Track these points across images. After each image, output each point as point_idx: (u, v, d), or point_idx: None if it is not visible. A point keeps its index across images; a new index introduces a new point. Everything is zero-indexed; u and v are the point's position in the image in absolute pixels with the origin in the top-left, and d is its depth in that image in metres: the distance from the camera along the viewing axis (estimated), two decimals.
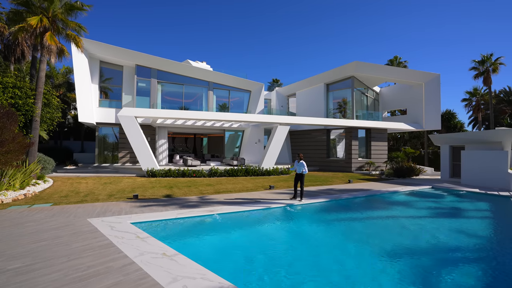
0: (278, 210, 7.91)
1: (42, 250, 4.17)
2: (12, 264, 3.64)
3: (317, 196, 9.71)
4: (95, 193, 9.61)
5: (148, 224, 6.02)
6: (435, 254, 5.03)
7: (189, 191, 10.47)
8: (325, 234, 6.29)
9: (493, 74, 24.65)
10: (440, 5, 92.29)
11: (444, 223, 7.24)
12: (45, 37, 11.19)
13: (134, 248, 4.28)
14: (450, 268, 4.43)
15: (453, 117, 29.24)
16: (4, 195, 8.18)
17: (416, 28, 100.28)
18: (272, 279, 3.86)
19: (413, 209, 9.02)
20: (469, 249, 5.34)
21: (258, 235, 6.13)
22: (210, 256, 4.74)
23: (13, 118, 8.74)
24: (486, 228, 6.87)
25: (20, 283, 3.11)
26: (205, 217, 6.76)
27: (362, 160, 21.00)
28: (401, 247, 5.34)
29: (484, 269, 4.42)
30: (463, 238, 5.98)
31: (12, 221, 5.86)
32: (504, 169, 12.08)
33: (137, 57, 18.02)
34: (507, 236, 6.46)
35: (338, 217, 7.78)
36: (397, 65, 35.68)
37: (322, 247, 5.37)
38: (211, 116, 17.38)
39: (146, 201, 8.35)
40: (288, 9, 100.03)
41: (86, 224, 5.64)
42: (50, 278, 3.25)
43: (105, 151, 19.08)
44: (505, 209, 8.87)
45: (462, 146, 15.30)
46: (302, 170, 8.91)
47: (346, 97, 22.20)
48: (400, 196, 10.92)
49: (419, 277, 4.01)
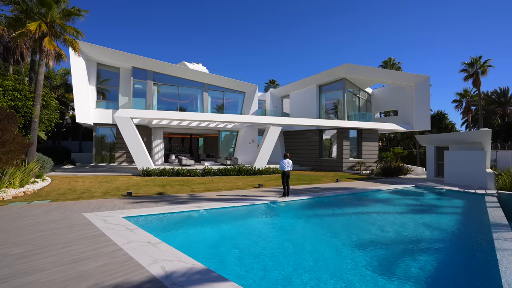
0: (262, 206, 8.46)
1: (40, 239, 4.70)
2: (14, 250, 4.18)
3: (302, 194, 10.26)
4: (91, 190, 10.14)
5: (138, 218, 6.56)
6: (397, 245, 5.58)
7: (181, 189, 11.01)
8: (300, 227, 6.84)
9: (482, 76, 25.27)
10: (437, 5, 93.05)
11: (415, 218, 7.80)
12: (43, 42, 11.70)
13: (123, 238, 4.82)
14: (407, 256, 4.98)
15: (444, 118, 29.88)
16: (5, 192, 8.70)
17: (411, 29, 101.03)
18: (241, 262, 4.41)
19: (390, 206, 9.59)
20: (428, 240, 5.90)
21: (238, 227, 6.70)
22: (190, 244, 5.29)
23: (13, 120, 9.25)
24: (450, 223, 7.44)
25: (22, 264, 3.65)
26: (192, 212, 7.31)
27: (354, 160, 21.57)
28: (367, 239, 5.88)
29: (436, 256, 4.96)
30: (426, 231, 6.53)
31: (13, 215, 6.38)
32: (482, 169, 12.66)
33: (133, 60, 18.53)
34: (466, 229, 7.02)
35: (317, 213, 8.35)
36: (391, 66, 36.31)
37: (294, 238, 5.92)
38: (204, 117, 17.91)
39: (139, 198, 8.88)
40: (288, 9, 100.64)
41: (81, 218, 6.17)
42: (48, 261, 3.79)
43: (102, 151, 19.57)
44: (475, 206, 9.43)
45: (446, 146, 15.88)
46: (288, 168, 9.42)
47: (338, 98, 22.78)
48: (382, 194, 11.49)
49: (378, 263, 4.55)
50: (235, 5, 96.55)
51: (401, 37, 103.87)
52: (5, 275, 3.34)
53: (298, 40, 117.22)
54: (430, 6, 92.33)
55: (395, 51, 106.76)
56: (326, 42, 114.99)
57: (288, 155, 9.81)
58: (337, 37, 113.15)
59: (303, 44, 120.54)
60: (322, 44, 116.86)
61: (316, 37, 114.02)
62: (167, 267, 3.62)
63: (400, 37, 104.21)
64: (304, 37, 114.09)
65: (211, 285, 3.14)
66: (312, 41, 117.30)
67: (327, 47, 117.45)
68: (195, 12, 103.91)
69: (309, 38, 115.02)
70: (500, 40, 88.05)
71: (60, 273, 3.40)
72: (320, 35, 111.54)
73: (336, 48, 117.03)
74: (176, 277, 3.34)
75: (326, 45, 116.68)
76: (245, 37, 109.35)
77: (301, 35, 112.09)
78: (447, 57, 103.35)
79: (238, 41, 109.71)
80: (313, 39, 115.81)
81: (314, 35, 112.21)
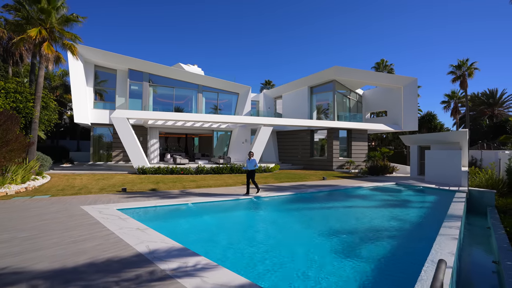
0: (245, 201, 9.20)
1: (44, 226, 5.41)
2: (22, 234, 4.89)
3: (286, 190, 11.01)
4: (89, 187, 10.83)
5: (130, 210, 7.27)
6: (361, 233, 6.33)
7: (173, 186, 11.73)
8: (275, 217, 7.60)
9: (468, 78, 26.15)
10: (436, 5, 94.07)
11: (386, 212, 8.57)
12: (42, 46, 12.36)
13: (116, 225, 5.54)
14: (366, 241, 5.73)
15: (434, 118, 30.77)
16: (8, 188, 9.38)
17: (408, 29, 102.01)
18: (214, 243, 5.16)
19: (366, 201, 10.36)
20: (389, 229, 6.65)
21: (219, 218, 7.54)
22: (175, 231, 6.03)
23: (16, 121, 9.94)
24: (415, 215, 8.22)
25: (30, 244, 4.37)
26: (180, 205, 8.04)
27: (343, 159, 22.36)
28: (336, 228, 6.64)
29: (389, 241, 5.72)
30: (391, 222, 7.29)
31: (18, 207, 7.09)
32: (457, 167, 13.45)
33: (129, 62, 19.21)
34: (425, 220, 7.76)
35: (294, 207, 9.12)
36: (383, 67, 37.19)
37: (266, 226, 6.66)
38: (197, 118, 18.62)
39: (133, 194, 9.59)
40: (287, 9, 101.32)
41: (79, 210, 6.89)
42: (51, 242, 4.51)
43: (99, 150, 20.23)
44: (442, 201, 10.15)
45: (428, 146, 16.69)
46: (253, 166, 9.82)
47: (328, 100, 23.56)
48: (362, 191, 12.26)
49: (342, 247, 5.29)
50: (234, 5, 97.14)
51: (396, 38, 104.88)
52: (16, 251, 4.05)
53: (298, 40, 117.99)
54: (428, 6, 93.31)
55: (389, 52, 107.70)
56: (327, 42, 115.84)
57: (252, 154, 10.24)
58: (338, 37, 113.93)
59: (303, 44, 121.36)
60: (322, 44, 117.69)
61: (317, 37, 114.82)
62: (151, 246, 4.35)
63: (394, 38, 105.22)
64: (304, 37, 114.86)
65: (185, 259, 3.87)
66: (312, 41, 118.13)
67: (328, 47, 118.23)
68: (195, 12, 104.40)
69: (309, 38, 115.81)
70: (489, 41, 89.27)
71: (62, 250, 4.12)
72: (321, 35, 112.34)
73: (336, 49, 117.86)
74: (158, 253, 4.07)
75: (326, 45, 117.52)
76: (244, 37, 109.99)
77: (301, 35, 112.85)
78: (439, 57, 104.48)
79: (237, 41, 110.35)
80: (313, 39, 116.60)
81: (315, 35, 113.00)
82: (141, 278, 3.24)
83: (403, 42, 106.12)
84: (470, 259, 6.57)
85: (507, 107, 35.99)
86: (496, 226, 7.51)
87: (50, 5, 12.47)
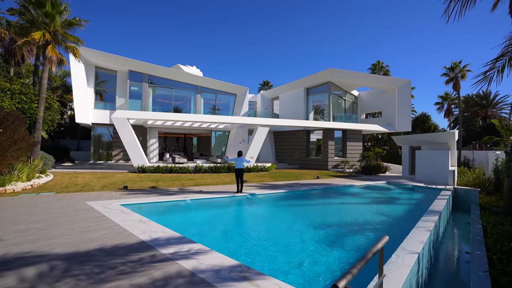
0: (240, 198, 9.71)
1: (54, 219, 5.90)
2: (35, 225, 5.38)
3: (279, 188, 11.53)
4: (91, 184, 11.31)
5: (132, 205, 7.77)
6: (346, 226, 6.87)
7: (172, 184, 12.22)
8: (267, 212, 8.14)
9: (461, 80, 26.73)
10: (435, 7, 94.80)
11: (372, 208, 9.10)
12: (47, 49, 12.83)
13: (120, 218, 6.04)
14: (350, 233, 6.26)
15: (428, 119, 31.40)
16: (15, 185, 9.85)
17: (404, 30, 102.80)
18: (209, 232, 5.67)
19: (356, 198, 10.90)
20: (372, 223, 7.19)
21: (214, 212, 8.05)
22: (174, 223, 6.54)
23: (22, 121, 10.40)
24: (399, 211, 8.77)
25: (44, 233, 4.87)
26: (179, 201, 8.56)
27: (338, 159, 22.91)
28: (323, 222, 7.16)
29: (371, 233, 6.25)
30: (375, 217, 7.83)
31: (26, 203, 7.57)
32: (445, 166, 14.02)
33: (129, 63, 19.67)
34: (407, 215, 8.28)
35: (287, 203, 9.68)
36: (379, 69, 37.78)
37: (260, 220, 7.18)
38: (195, 118, 19.12)
39: (134, 191, 10.08)
40: (287, 9, 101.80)
41: (84, 205, 7.38)
42: (62, 231, 5.01)
43: (100, 150, 20.68)
44: (427, 198, 10.65)
45: (419, 146, 17.26)
46: (242, 165, 10.17)
47: (324, 101, 24.11)
48: (353, 189, 12.80)
49: (325, 237, 5.82)
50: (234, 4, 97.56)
51: (393, 39, 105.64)
52: (33, 239, 4.55)
53: (299, 40, 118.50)
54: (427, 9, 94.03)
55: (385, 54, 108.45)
56: (327, 43, 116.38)
57: (241, 153, 10.64)
58: (338, 37, 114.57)
59: (303, 44, 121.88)
60: (323, 44, 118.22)
61: (317, 37, 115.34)
62: (153, 235, 4.86)
63: (391, 40, 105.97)
64: (304, 37, 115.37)
65: (183, 245, 4.38)
66: (312, 41, 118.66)
67: (328, 47, 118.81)
68: (195, 12, 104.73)
69: (310, 38, 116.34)
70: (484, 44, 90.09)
71: (73, 238, 4.62)
72: (322, 35, 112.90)
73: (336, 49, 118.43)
74: (159, 241, 4.58)
75: (327, 45, 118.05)
76: (243, 36, 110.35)
77: (302, 35, 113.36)
78: (436, 59, 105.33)
79: (236, 40, 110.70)
80: (313, 39, 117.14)
81: (315, 35, 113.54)
82: (144, 260, 3.75)
83: (400, 44, 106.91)
84: (448, 251, 7.14)
85: (500, 109, 36.70)
86: (475, 221, 8.08)
87: (54, 9, 12.94)
